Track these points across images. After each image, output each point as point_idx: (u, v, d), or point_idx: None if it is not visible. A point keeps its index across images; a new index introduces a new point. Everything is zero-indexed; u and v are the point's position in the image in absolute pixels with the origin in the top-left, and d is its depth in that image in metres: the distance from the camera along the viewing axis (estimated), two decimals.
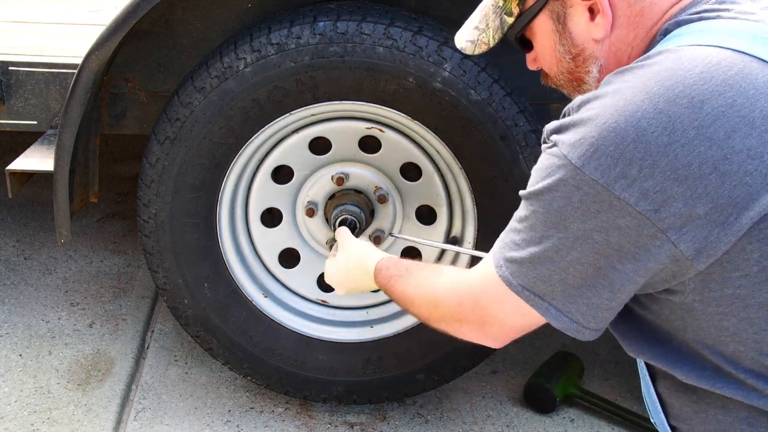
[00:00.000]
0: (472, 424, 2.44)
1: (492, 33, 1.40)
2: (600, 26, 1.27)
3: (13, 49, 2.42)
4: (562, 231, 1.17)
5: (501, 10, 1.37)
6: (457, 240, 2.27)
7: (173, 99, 2.11)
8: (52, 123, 2.31)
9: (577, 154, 1.12)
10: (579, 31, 1.30)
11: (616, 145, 1.08)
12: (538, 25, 1.35)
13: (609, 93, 1.14)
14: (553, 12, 1.31)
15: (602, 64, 1.31)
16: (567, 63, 1.34)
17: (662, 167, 1.06)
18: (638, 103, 1.08)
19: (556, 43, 1.33)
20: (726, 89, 1.06)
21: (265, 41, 2.03)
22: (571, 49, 1.32)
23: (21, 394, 2.46)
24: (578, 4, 1.28)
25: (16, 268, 3.09)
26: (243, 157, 2.18)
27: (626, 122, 1.08)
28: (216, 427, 2.40)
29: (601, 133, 1.10)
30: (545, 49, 1.37)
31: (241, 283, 2.30)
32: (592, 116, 1.13)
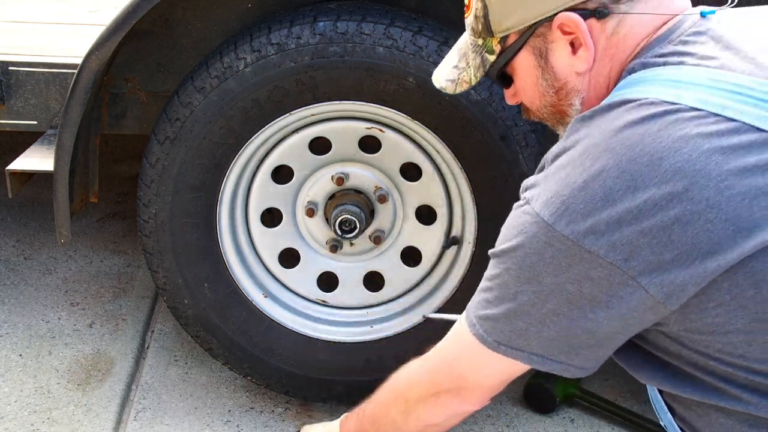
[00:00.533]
0: (472, 424, 2.44)
1: (473, 71, 1.42)
2: (582, 59, 1.30)
3: (13, 49, 2.42)
4: (535, 285, 1.22)
5: (481, 49, 1.39)
6: (457, 240, 2.27)
7: (173, 99, 2.11)
8: (52, 123, 2.31)
9: (549, 212, 1.18)
10: (561, 65, 1.32)
11: (586, 204, 1.15)
12: (519, 62, 1.36)
13: (576, 147, 1.20)
14: (534, 48, 1.33)
15: (584, 96, 1.33)
16: (550, 97, 1.36)
17: (628, 221, 1.12)
18: (604, 163, 1.14)
19: (538, 77, 1.35)
20: (681, 145, 1.11)
21: (265, 41, 2.03)
22: (554, 83, 1.34)
23: (21, 394, 2.46)
24: (560, 39, 1.30)
25: (16, 268, 3.09)
26: (243, 157, 2.18)
27: (594, 182, 1.14)
28: (216, 427, 2.40)
29: (571, 192, 1.16)
30: (527, 84, 1.38)
31: (241, 283, 2.30)
32: (563, 175, 1.18)
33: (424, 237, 2.29)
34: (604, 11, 1.26)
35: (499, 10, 1.33)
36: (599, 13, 1.26)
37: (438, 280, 2.33)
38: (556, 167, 1.21)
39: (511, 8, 1.31)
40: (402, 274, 2.33)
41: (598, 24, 1.27)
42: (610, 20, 1.27)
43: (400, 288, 2.35)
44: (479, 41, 1.39)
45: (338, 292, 2.36)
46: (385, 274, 2.34)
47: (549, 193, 1.19)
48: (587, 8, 1.26)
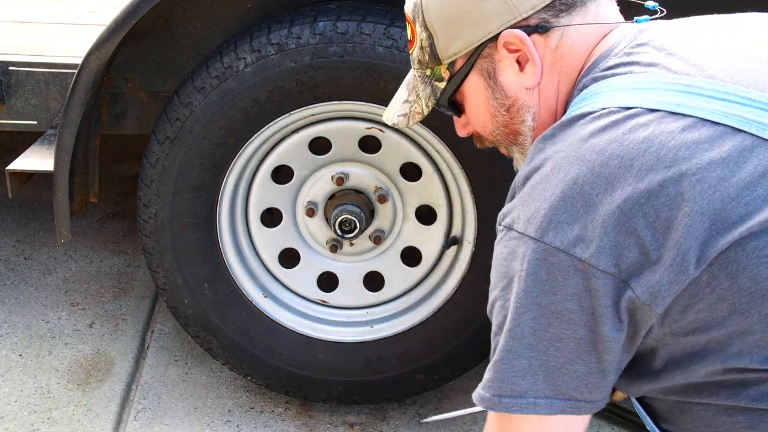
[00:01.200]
0: (472, 424, 2.44)
1: (424, 102, 1.43)
2: (530, 74, 1.32)
3: (13, 49, 2.42)
4: (535, 310, 1.19)
5: (430, 78, 1.41)
6: (457, 240, 2.27)
7: (173, 99, 2.11)
8: (52, 123, 2.31)
9: (534, 228, 1.18)
10: (510, 83, 1.34)
11: (568, 212, 1.16)
12: (469, 85, 1.38)
13: (546, 165, 1.21)
14: (482, 69, 1.35)
15: (535, 111, 1.35)
16: (502, 116, 1.37)
17: (612, 224, 1.13)
18: (577, 171, 1.16)
19: (488, 98, 1.37)
20: (649, 145, 1.14)
21: (265, 41, 2.03)
22: (505, 101, 1.36)
23: (21, 394, 2.46)
24: (506, 57, 1.32)
25: (16, 268, 3.09)
26: (243, 157, 2.18)
27: (571, 190, 1.16)
28: (216, 427, 2.40)
29: (551, 204, 1.17)
30: (478, 108, 1.40)
31: (241, 283, 2.30)
32: (539, 191, 1.19)
33: (424, 237, 2.29)
34: (546, 26, 1.30)
35: (444, 36, 1.34)
36: (542, 27, 1.30)
37: (438, 280, 2.33)
38: (529, 187, 1.21)
39: (455, 33, 1.33)
40: (402, 274, 2.33)
41: (542, 39, 1.31)
42: (553, 34, 1.31)
43: (400, 288, 2.35)
44: (427, 71, 1.41)
45: (338, 292, 2.37)
46: (385, 274, 2.34)
47: (529, 212, 1.19)
48: (529, 24, 1.30)
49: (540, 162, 1.22)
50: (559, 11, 1.30)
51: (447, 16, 1.34)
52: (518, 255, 1.20)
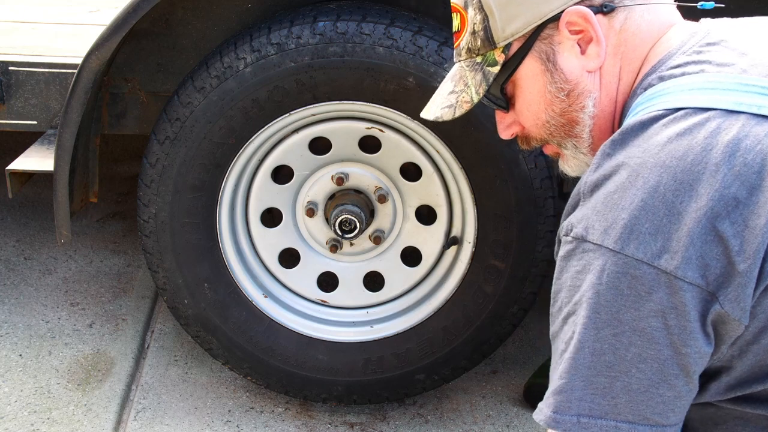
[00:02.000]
0: (472, 424, 2.44)
1: (474, 90, 1.34)
2: (593, 55, 1.26)
3: (13, 49, 2.42)
4: (615, 326, 1.11)
5: (481, 65, 1.33)
6: (457, 240, 2.27)
7: (173, 99, 2.11)
8: (52, 123, 2.31)
9: (614, 240, 1.10)
10: (571, 66, 1.27)
11: (651, 222, 1.09)
12: (524, 71, 1.31)
13: (620, 171, 1.13)
14: (540, 52, 1.28)
15: (596, 97, 1.28)
16: (560, 103, 1.30)
17: (698, 233, 1.07)
18: (658, 178, 1.09)
19: (545, 84, 1.29)
20: (734, 149, 1.08)
21: (265, 41, 2.03)
22: (564, 86, 1.28)
23: (21, 394, 2.46)
24: (567, 39, 1.25)
25: (16, 268, 3.09)
26: (243, 157, 2.18)
27: (653, 199, 1.09)
28: (216, 427, 2.40)
29: (631, 214, 1.09)
30: (532, 97, 1.32)
31: (241, 283, 2.30)
32: (615, 200, 1.11)
33: (424, 237, 2.29)
34: (611, 5, 1.24)
35: (501, 16, 1.27)
36: (606, 6, 1.24)
37: (438, 280, 2.33)
38: (603, 196, 1.13)
39: (514, 12, 1.26)
40: (402, 274, 2.33)
41: (605, 19, 1.24)
42: (618, 14, 1.24)
43: (400, 288, 2.35)
44: (477, 59, 1.33)
45: (338, 292, 2.37)
46: (385, 274, 2.35)
47: (606, 222, 1.11)
48: (593, 4, 1.23)
49: (612, 169, 1.14)
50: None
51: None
52: (594, 268, 1.12)
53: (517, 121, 1.39)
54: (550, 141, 1.37)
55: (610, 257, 1.10)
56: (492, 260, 2.19)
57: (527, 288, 2.21)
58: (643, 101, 1.21)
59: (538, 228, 2.14)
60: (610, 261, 1.10)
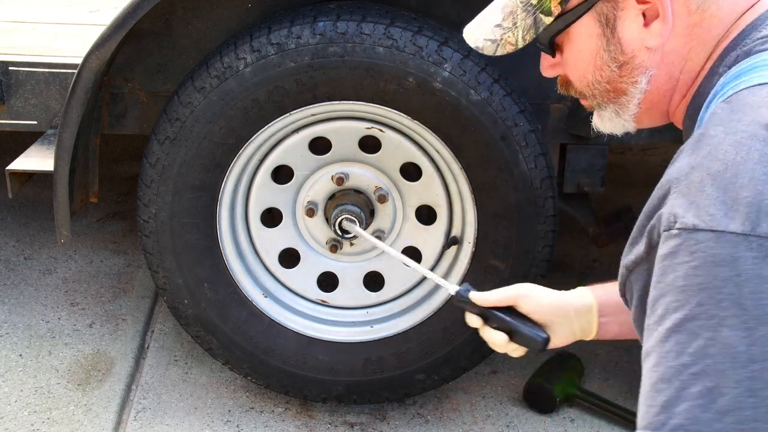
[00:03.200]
0: (472, 424, 2.44)
1: (522, 32, 1.23)
2: (656, 33, 1.15)
3: (13, 49, 2.42)
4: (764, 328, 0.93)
5: (535, 8, 1.21)
6: (457, 240, 2.27)
7: (173, 99, 2.11)
8: (52, 123, 2.31)
9: (740, 221, 0.95)
10: (630, 37, 1.17)
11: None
12: (579, 29, 1.20)
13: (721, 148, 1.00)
14: (601, 14, 1.18)
15: (653, 74, 1.19)
16: (610, 72, 1.21)
17: None
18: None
19: (600, 48, 1.20)
20: None
21: (265, 41, 2.03)
22: (619, 57, 1.19)
23: (21, 394, 2.46)
24: (632, 7, 1.15)
25: (16, 268, 3.09)
26: (243, 157, 2.18)
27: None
28: (216, 427, 2.40)
29: (755, 188, 0.95)
30: (582, 56, 1.23)
31: (241, 283, 2.30)
32: (729, 178, 0.97)
33: (424, 237, 2.29)
34: None
35: None
36: None
37: None
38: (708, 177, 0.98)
39: None
40: (402, 274, 2.33)
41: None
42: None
43: (400, 288, 2.35)
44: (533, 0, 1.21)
45: (338, 292, 2.37)
46: (385, 274, 2.34)
47: (723, 205, 0.96)
48: None
49: (711, 148, 1.00)
50: None
51: None
52: (722, 259, 0.95)
53: (563, 68, 1.30)
54: (591, 101, 1.28)
55: (741, 242, 0.94)
56: (492, 260, 2.19)
57: None
58: (728, 80, 1.11)
59: (538, 228, 2.14)
60: (742, 246, 0.94)
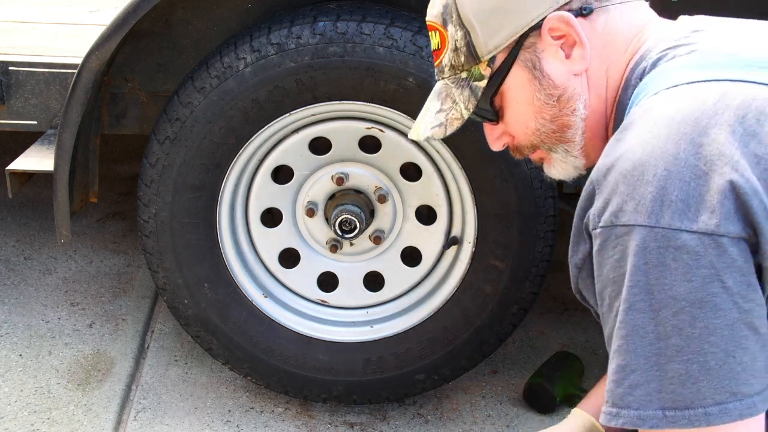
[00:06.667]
0: (472, 424, 2.44)
1: (463, 105, 1.34)
2: (578, 59, 1.27)
3: (13, 49, 2.42)
4: (672, 305, 1.06)
5: (467, 80, 1.32)
6: (457, 240, 2.27)
7: (173, 99, 2.11)
8: (52, 123, 2.31)
9: (646, 215, 1.06)
10: (558, 70, 1.28)
11: (679, 188, 1.05)
12: (512, 81, 1.30)
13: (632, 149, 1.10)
14: (526, 61, 1.28)
15: (586, 98, 1.29)
16: (550, 109, 1.30)
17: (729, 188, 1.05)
18: (676, 146, 1.07)
19: (534, 92, 1.29)
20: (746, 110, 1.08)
21: (265, 41, 2.03)
22: (553, 91, 1.28)
23: (21, 394, 2.46)
24: (551, 45, 1.26)
25: (16, 268, 3.09)
26: (243, 157, 2.18)
27: (676, 165, 1.06)
28: (216, 427, 2.40)
29: (658, 184, 1.06)
30: (521, 106, 1.32)
31: (241, 283, 2.30)
32: (636, 176, 1.08)
33: (424, 237, 2.29)
34: (590, 7, 1.25)
35: (483, 30, 1.28)
36: (585, 9, 1.25)
37: (438, 280, 2.33)
38: (621, 175, 1.10)
39: (496, 25, 1.27)
40: (402, 274, 2.33)
41: (586, 22, 1.26)
42: (598, 17, 1.26)
43: (400, 288, 2.35)
44: (462, 74, 1.33)
45: (338, 292, 2.37)
46: (385, 274, 2.34)
47: (632, 201, 1.08)
48: (572, 8, 1.25)
49: (623, 150, 1.11)
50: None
51: (485, 7, 1.28)
52: (633, 250, 1.07)
53: (507, 132, 1.39)
54: (541, 147, 1.37)
55: (647, 234, 1.06)
56: (492, 260, 2.19)
57: (527, 288, 2.21)
58: (638, 91, 1.22)
59: (538, 228, 2.14)
60: (648, 237, 1.06)
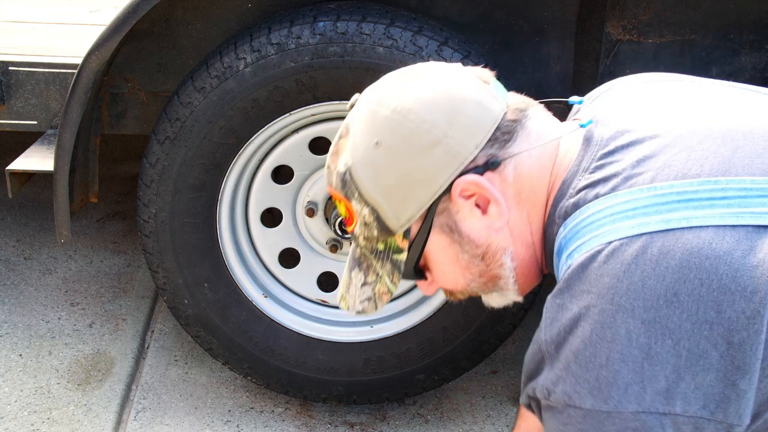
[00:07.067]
0: (472, 424, 2.44)
1: (388, 279, 1.29)
2: (496, 215, 1.22)
3: (13, 49, 2.42)
4: None
5: (385, 253, 1.27)
6: None
7: (173, 99, 2.11)
8: (52, 123, 2.31)
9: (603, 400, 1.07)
10: (477, 230, 1.23)
11: (634, 371, 1.05)
12: (432, 247, 1.26)
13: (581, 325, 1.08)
14: (443, 226, 1.23)
15: (512, 251, 1.26)
16: (477, 267, 1.27)
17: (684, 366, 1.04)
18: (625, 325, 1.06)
19: (457, 253, 1.26)
20: (686, 273, 1.04)
21: (265, 41, 2.03)
22: (477, 251, 1.25)
23: (21, 394, 2.46)
24: (464, 206, 1.21)
25: (16, 268, 3.09)
26: (243, 157, 2.18)
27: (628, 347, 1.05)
28: (216, 427, 2.40)
29: (611, 368, 1.06)
30: (447, 266, 1.28)
31: (241, 283, 2.30)
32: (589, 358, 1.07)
33: None
34: (496, 160, 1.20)
35: (391, 206, 1.21)
36: (492, 164, 1.20)
37: None
38: (572, 354, 1.09)
39: (403, 199, 1.21)
40: None
41: (496, 175, 1.21)
42: (506, 167, 1.21)
43: (400, 288, 2.35)
44: (379, 246, 1.27)
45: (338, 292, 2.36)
46: None
47: (587, 384, 1.08)
48: (478, 165, 1.19)
49: (570, 322, 1.10)
50: (503, 142, 1.20)
51: (387, 184, 1.20)
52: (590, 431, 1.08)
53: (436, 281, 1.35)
54: (478, 293, 1.34)
55: (605, 418, 1.07)
56: None
57: None
58: (569, 236, 1.17)
59: None
60: (607, 422, 1.07)
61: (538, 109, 1.27)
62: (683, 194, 1.09)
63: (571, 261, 1.13)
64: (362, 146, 1.21)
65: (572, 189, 1.19)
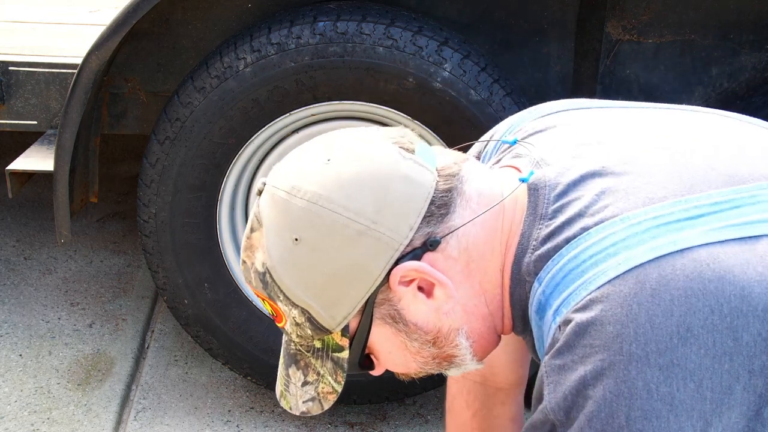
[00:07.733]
0: None
1: (331, 378, 1.21)
2: (442, 298, 1.09)
3: (13, 49, 2.42)
4: None
5: (324, 351, 1.16)
6: None
7: (173, 99, 2.11)
8: (52, 123, 2.31)
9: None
10: (424, 316, 1.10)
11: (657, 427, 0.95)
12: (375, 338, 1.14)
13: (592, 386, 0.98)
14: (384, 317, 1.10)
15: (467, 329, 1.13)
16: (428, 351, 1.16)
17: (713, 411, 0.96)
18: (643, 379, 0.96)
19: (404, 342, 1.14)
20: (693, 301, 0.96)
21: (265, 41, 2.03)
22: (426, 337, 1.13)
23: (21, 394, 2.46)
24: (406, 293, 1.07)
25: (16, 268, 3.09)
26: (243, 157, 2.18)
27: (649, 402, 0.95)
28: (216, 427, 2.40)
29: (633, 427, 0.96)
30: (395, 355, 1.18)
31: (241, 283, 2.30)
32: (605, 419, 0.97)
33: None
34: (435, 239, 1.05)
35: (322, 306, 1.08)
36: (431, 244, 1.05)
37: None
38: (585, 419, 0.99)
39: (335, 297, 1.07)
40: None
41: (438, 254, 1.06)
42: (448, 242, 1.07)
43: None
44: (316, 344, 1.15)
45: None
46: None
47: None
48: (416, 247, 1.05)
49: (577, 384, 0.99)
50: (440, 216, 1.06)
51: (315, 284, 1.06)
52: None
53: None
54: (435, 373, 1.25)
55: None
56: None
57: None
58: (548, 291, 1.06)
59: None
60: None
61: (471, 166, 1.12)
62: (659, 218, 1.00)
63: (561, 318, 1.02)
64: (279, 244, 1.06)
65: (534, 241, 1.07)
